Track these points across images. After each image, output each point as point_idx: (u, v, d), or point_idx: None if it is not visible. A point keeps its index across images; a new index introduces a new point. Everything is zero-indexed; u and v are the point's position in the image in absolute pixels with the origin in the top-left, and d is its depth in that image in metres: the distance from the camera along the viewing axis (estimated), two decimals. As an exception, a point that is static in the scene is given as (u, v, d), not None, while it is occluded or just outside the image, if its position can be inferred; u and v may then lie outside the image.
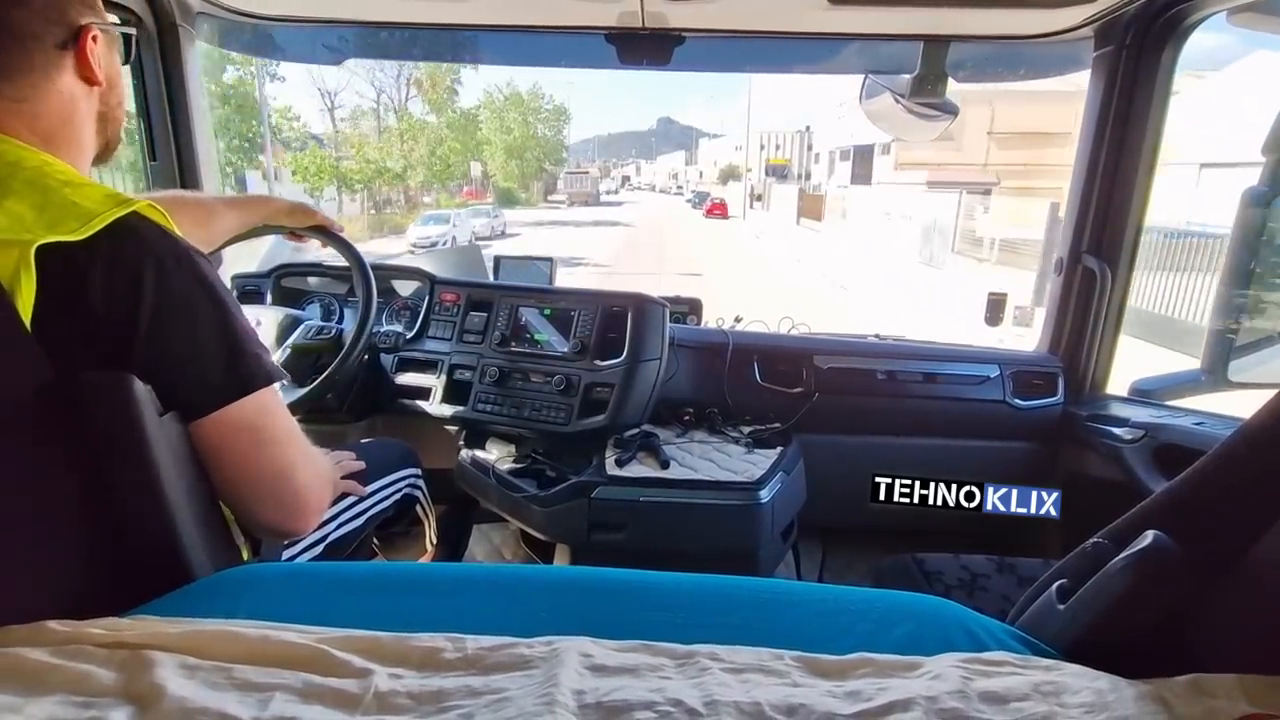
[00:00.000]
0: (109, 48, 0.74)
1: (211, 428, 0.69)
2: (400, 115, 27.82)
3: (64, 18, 0.68)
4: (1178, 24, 1.33)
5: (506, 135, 33.25)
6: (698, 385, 1.61)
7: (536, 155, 36.24)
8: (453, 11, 1.49)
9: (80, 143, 0.73)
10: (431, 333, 1.63)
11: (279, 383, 0.75)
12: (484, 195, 32.31)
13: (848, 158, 24.73)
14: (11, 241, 0.58)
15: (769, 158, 40.34)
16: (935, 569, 1.23)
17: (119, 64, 0.77)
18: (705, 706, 0.49)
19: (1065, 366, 1.59)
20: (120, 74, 0.78)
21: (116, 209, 0.63)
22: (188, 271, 0.67)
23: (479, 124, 31.85)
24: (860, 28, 1.49)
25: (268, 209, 1.19)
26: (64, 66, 0.69)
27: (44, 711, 0.47)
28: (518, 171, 34.65)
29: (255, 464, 0.73)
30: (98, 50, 0.71)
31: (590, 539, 1.32)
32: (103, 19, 0.72)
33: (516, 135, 33.77)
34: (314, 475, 0.79)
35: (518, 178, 35.15)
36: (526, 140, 34.65)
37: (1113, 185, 1.46)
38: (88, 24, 0.70)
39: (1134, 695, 0.50)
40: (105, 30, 0.73)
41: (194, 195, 1.31)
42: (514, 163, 34.05)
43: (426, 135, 26.22)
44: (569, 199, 37.56)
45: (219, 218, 1.09)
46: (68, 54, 0.69)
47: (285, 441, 0.75)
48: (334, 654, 0.54)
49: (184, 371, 0.67)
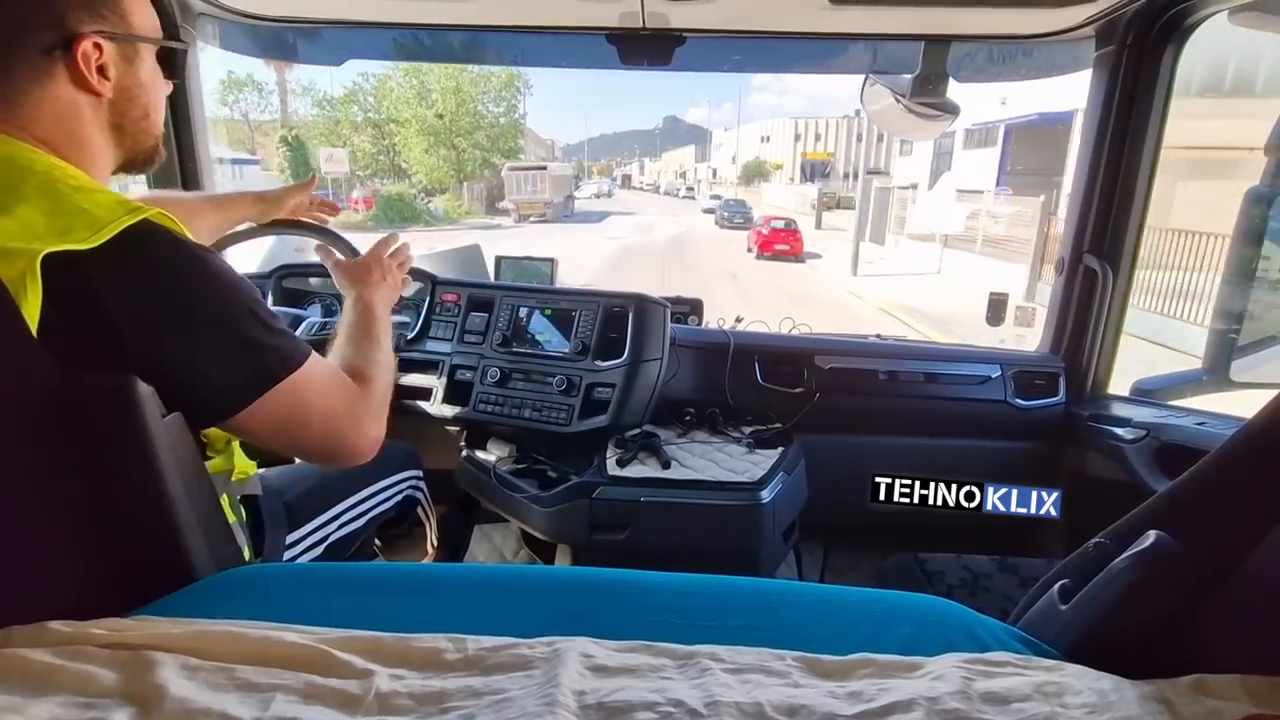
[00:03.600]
0: (126, 59, 0.71)
1: (255, 418, 0.70)
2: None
3: (56, 24, 0.65)
4: (1179, 24, 1.33)
5: (430, 110, 23.05)
6: (699, 385, 1.61)
7: (479, 141, 24.96)
8: (454, 12, 1.49)
9: (87, 151, 0.70)
10: (432, 333, 1.64)
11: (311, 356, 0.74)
12: (372, 203, 21.34)
13: (992, 142, 14.41)
14: (19, 250, 0.58)
15: (804, 151, 31.40)
16: (937, 569, 1.23)
17: (144, 77, 0.73)
18: (706, 707, 0.49)
19: (1067, 366, 1.59)
20: (145, 88, 0.74)
21: (127, 217, 0.63)
22: (201, 277, 0.66)
23: (388, 93, 22.67)
24: (861, 28, 1.49)
25: (260, 206, 1.15)
26: (55, 73, 0.66)
27: (46, 712, 0.47)
28: (451, 166, 24.29)
29: (308, 437, 0.75)
30: (104, 60, 0.68)
31: (591, 539, 1.32)
32: (117, 28, 0.69)
33: (442, 109, 23.55)
34: (365, 423, 0.79)
35: (452, 174, 24.57)
36: (462, 119, 23.86)
37: (1114, 185, 1.45)
38: (85, 32, 0.66)
39: (1136, 696, 0.50)
40: (119, 40, 0.69)
41: (175, 195, 1.28)
42: (442, 152, 23.88)
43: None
44: (516, 211, 23.28)
45: (200, 216, 1.07)
46: (58, 61, 0.66)
47: (329, 414, 0.75)
48: (335, 655, 0.54)
49: (207, 376, 0.67)
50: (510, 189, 23.38)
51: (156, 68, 0.76)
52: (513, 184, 23.31)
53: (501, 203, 24.14)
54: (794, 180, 31.14)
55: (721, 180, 46.94)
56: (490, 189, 25.41)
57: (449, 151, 23.88)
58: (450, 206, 23.92)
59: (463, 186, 25.20)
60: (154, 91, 0.76)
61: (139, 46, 0.72)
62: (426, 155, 23.59)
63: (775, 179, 33.41)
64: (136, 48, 0.72)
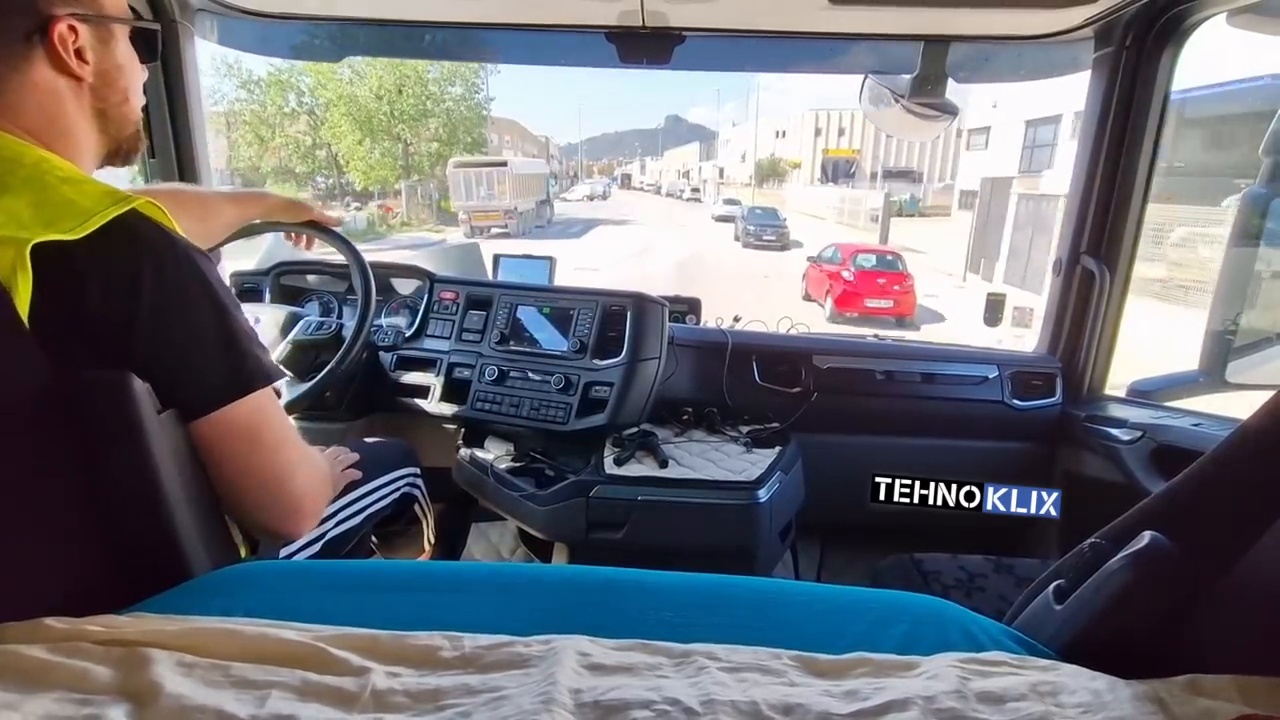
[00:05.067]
0: (102, 41, 0.70)
1: (210, 428, 0.69)
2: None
3: (30, 8, 0.65)
4: (1178, 25, 1.33)
5: (368, 90, 18.06)
6: (697, 384, 1.61)
7: (438, 132, 19.93)
8: (453, 9, 1.49)
9: (73, 139, 0.70)
10: (430, 331, 1.63)
11: (279, 381, 0.74)
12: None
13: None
14: (8, 239, 0.58)
15: (825, 147, 26.17)
16: (933, 569, 1.23)
17: (121, 59, 0.73)
18: (702, 705, 0.49)
19: (1064, 367, 1.59)
20: (124, 71, 0.74)
21: (114, 207, 0.63)
22: (186, 271, 0.66)
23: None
24: (861, 28, 1.49)
25: (265, 204, 1.18)
26: (34, 58, 0.66)
27: (41, 708, 0.47)
28: (396, 161, 19.33)
29: (253, 466, 0.73)
30: (80, 43, 0.67)
31: (588, 538, 1.32)
32: (89, 10, 0.68)
33: (380, 88, 18.28)
34: (311, 477, 0.79)
35: (398, 172, 19.60)
36: (406, 102, 18.58)
37: (1112, 186, 1.46)
38: (59, 14, 0.66)
39: (1130, 695, 0.51)
40: (92, 22, 0.69)
41: (194, 189, 1.31)
42: (386, 144, 18.89)
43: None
44: (468, 221, 17.50)
45: (218, 212, 1.09)
46: (37, 45, 0.65)
47: (282, 443, 0.75)
48: (331, 652, 0.54)
49: (182, 372, 0.66)
50: (457, 192, 17.66)
51: (132, 51, 0.76)
52: (461, 186, 17.53)
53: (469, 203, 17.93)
54: (813, 181, 26.02)
55: (729, 180, 41.23)
56: (444, 191, 19.79)
57: (394, 143, 18.71)
58: (378, 217, 18.89)
59: (414, 188, 20.08)
60: (131, 75, 0.76)
61: (113, 28, 0.72)
62: (361, 147, 18.31)
63: (793, 179, 28.18)
64: (111, 29, 0.72)
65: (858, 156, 24.36)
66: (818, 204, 24.45)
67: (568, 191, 42.26)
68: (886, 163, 23.90)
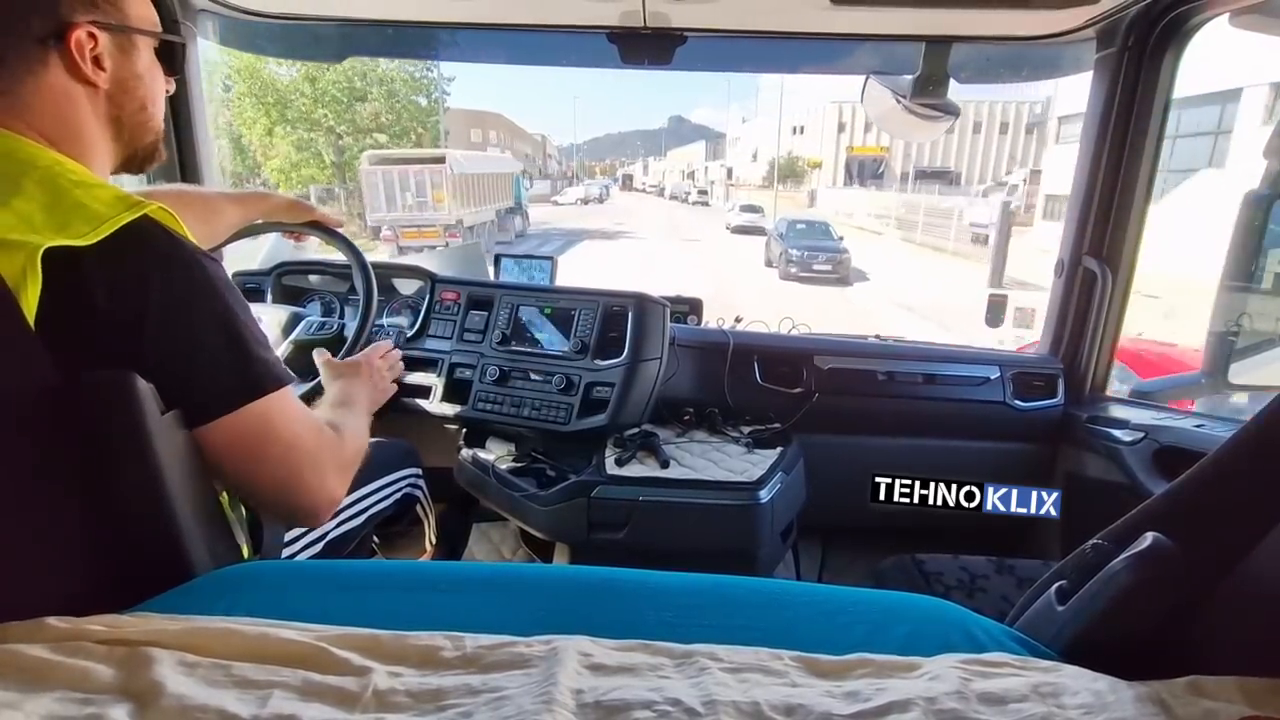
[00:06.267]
0: (122, 50, 0.71)
1: (219, 433, 0.69)
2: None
3: (50, 13, 0.65)
4: (1180, 26, 1.33)
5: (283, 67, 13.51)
6: (698, 385, 1.61)
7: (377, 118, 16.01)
8: (454, 10, 1.49)
9: (86, 144, 0.70)
10: (432, 331, 1.63)
11: (288, 385, 0.74)
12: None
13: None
14: (19, 243, 0.58)
15: (850, 144, 22.80)
16: (934, 570, 1.23)
17: (141, 70, 0.73)
18: (704, 706, 0.49)
19: (1066, 368, 1.59)
20: (143, 81, 0.73)
21: (126, 213, 0.63)
22: (196, 277, 0.66)
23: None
24: (862, 28, 1.49)
25: (268, 204, 1.19)
26: (50, 62, 0.66)
27: (43, 708, 0.47)
28: (319, 156, 15.34)
29: (266, 468, 0.72)
30: (99, 50, 0.68)
31: (590, 538, 1.32)
32: (111, 19, 0.69)
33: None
34: (327, 472, 0.78)
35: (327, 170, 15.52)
36: (329, 81, 14.73)
37: (1114, 187, 1.46)
38: (79, 21, 0.66)
39: (1133, 697, 0.50)
40: (114, 31, 0.69)
41: (197, 190, 1.31)
42: (301, 134, 15.00)
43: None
44: (394, 241, 12.35)
45: (221, 213, 1.09)
46: (52, 50, 0.66)
47: (294, 444, 0.74)
48: (333, 652, 0.54)
49: (192, 377, 0.67)
50: (374, 200, 12.71)
51: (155, 62, 0.76)
52: (379, 190, 12.69)
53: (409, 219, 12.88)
54: (835, 182, 22.51)
55: (740, 182, 37.18)
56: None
57: (323, 134, 14.64)
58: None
59: (353, 193, 14.94)
60: (152, 85, 0.75)
61: (135, 39, 0.72)
62: (269, 137, 14.54)
63: (812, 180, 24.22)
64: (133, 39, 0.72)
65: (886, 154, 21.45)
66: (855, 208, 20.21)
67: (560, 194, 38.45)
68: (919, 161, 21.24)
